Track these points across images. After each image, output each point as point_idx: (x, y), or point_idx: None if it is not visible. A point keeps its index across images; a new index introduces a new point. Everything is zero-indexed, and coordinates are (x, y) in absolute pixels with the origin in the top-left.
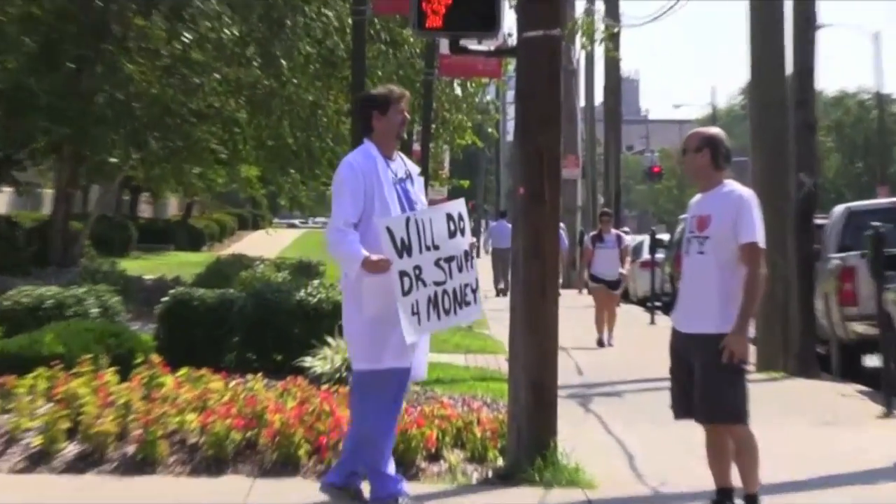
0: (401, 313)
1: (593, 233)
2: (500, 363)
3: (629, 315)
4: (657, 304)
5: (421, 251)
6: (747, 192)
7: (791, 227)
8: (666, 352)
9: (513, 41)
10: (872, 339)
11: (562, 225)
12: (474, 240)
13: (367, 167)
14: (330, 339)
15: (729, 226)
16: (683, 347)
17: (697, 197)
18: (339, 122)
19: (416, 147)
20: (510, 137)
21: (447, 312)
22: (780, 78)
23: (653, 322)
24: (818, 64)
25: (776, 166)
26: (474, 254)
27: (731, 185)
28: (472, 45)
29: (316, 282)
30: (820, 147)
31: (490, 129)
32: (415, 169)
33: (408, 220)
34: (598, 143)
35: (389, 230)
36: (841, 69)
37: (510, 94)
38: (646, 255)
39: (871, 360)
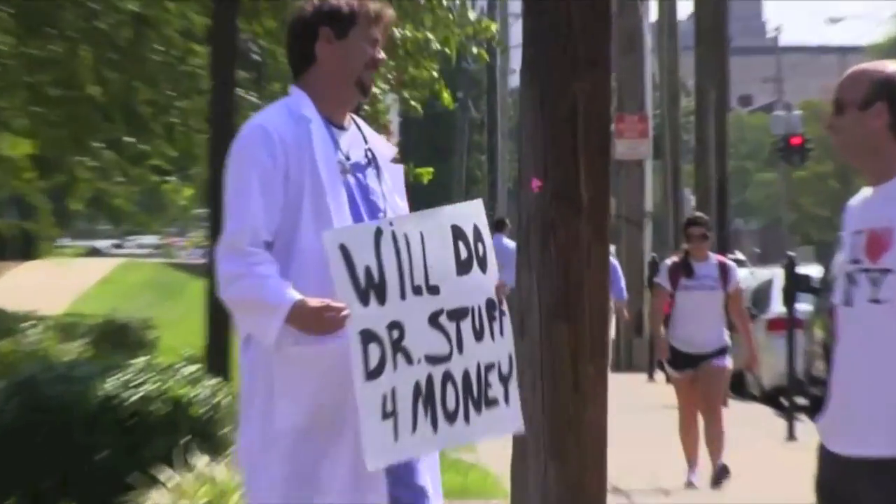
0: (361, 411)
1: (674, 259)
2: None
3: (747, 421)
4: (800, 401)
5: (403, 294)
6: None
7: None
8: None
9: None
10: None
11: (613, 250)
12: (505, 284)
13: (294, 136)
14: (165, 472)
15: None
16: (841, 482)
17: (865, 194)
18: (188, 54)
19: None
20: (516, 82)
21: (451, 418)
22: None
23: (792, 437)
24: None
25: None
26: (504, 305)
27: None
28: None
29: (140, 360)
30: None
31: (476, 51)
32: (385, 149)
33: (378, 232)
34: (684, 90)
35: (345, 251)
36: None
37: (515, 3)
38: (776, 307)
39: None
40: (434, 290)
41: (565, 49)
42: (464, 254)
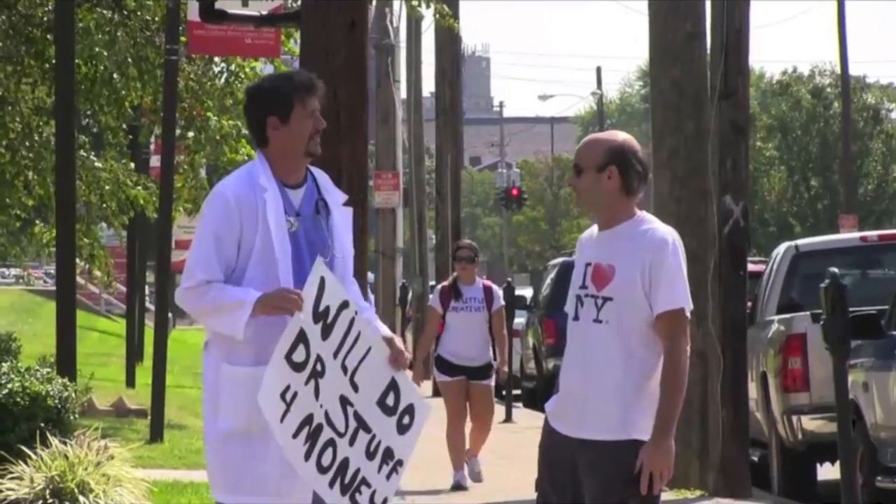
0: (268, 376)
1: (444, 284)
2: None
3: None
4: (515, 391)
5: (336, 356)
6: (671, 234)
7: (711, 278)
8: (530, 464)
9: (297, 2)
10: (829, 441)
11: (371, 278)
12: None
13: (250, 203)
14: (27, 450)
15: (639, 283)
16: (559, 451)
17: (593, 232)
18: (41, 123)
19: (155, 163)
20: None
21: (321, 470)
22: (695, 53)
23: (509, 418)
24: (753, 31)
25: (689, 186)
26: (402, 468)
27: (648, 220)
28: (236, 8)
29: (5, 365)
30: (756, 157)
31: None
32: (336, 195)
33: (345, 304)
34: (427, 153)
35: (322, 283)
36: (787, 41)
37: None
38: None
39: (828, 472)
40: (353, 385)
41: (332, 120)
42: (390, 401)
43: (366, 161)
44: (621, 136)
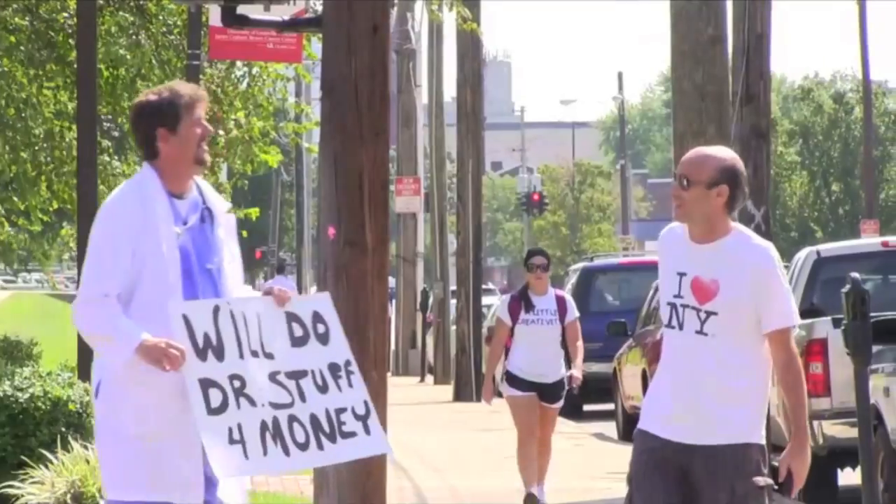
0: (206, 441)
1: (513, 293)
2: None
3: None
4: None
5: (242, 355)
6: (771, 247)
7: None
8: (565, 469)
9: (318, 5)
10: (850, 446)
11: (392, 283)
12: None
13: (141, 216)
14: (48, 455)
15: (747, 299)
16: (669, 459)
17: (680, 237)
18: (64, 129)
19: None
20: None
21: (302, 447)
22: (717, 57)
23: None
24: (775, 36)
25: None
26: (353, 366)
27: (746, 233)
28: (257, 13)
29: (27, 370)
30: (778, 162)
31: (290, 135)
32: (220, 204)
33: (216, 309)
34: (448, 158)
35: (186, 319)
36: (809, 46)
37: (317, 87)
38: None
39: (849, 477)
40: (270, 357)
41: (354, 124)
42: (298, 332)
43: (387, 166)
44: (730, 153)
